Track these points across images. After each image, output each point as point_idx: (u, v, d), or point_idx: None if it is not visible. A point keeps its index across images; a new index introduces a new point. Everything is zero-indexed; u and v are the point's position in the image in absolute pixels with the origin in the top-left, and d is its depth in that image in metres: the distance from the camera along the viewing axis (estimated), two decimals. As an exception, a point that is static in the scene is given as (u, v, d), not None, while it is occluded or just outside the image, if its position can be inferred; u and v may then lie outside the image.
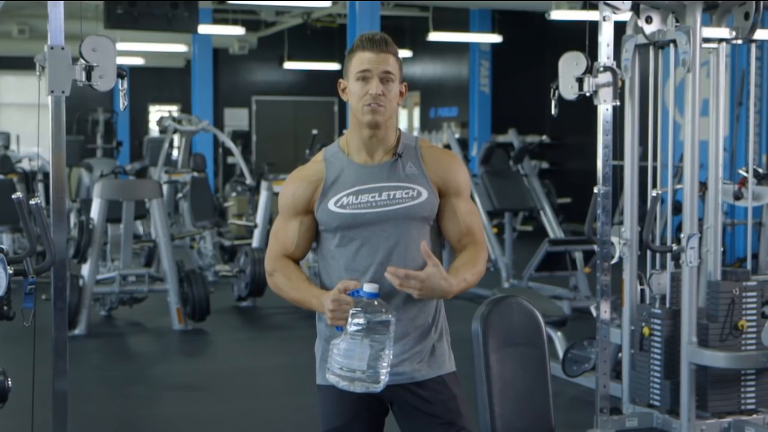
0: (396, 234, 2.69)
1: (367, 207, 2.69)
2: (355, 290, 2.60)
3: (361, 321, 2.54)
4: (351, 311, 2.55)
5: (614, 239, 4.94)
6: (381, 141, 2.72)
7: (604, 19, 4.76)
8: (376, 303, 2.56)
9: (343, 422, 2.75)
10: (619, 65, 4.89)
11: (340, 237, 2.71)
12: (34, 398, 3.49)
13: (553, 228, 9.74)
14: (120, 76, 3.71)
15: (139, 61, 17.83)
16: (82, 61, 3.64)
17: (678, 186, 5.40)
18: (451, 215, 2.76)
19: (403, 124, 19.46)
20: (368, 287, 2.57)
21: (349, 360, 2.54)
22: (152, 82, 19.76)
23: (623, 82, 4.96)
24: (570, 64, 4.80)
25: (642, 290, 5.06)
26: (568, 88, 4.82)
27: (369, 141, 2.71)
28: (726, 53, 4.96)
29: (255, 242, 9.53)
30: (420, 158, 2.75)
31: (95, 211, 7.79)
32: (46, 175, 11.43)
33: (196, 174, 10.68)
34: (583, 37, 4.80)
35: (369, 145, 2.72)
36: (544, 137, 14.18)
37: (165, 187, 10.46)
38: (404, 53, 16.57)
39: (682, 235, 4.76)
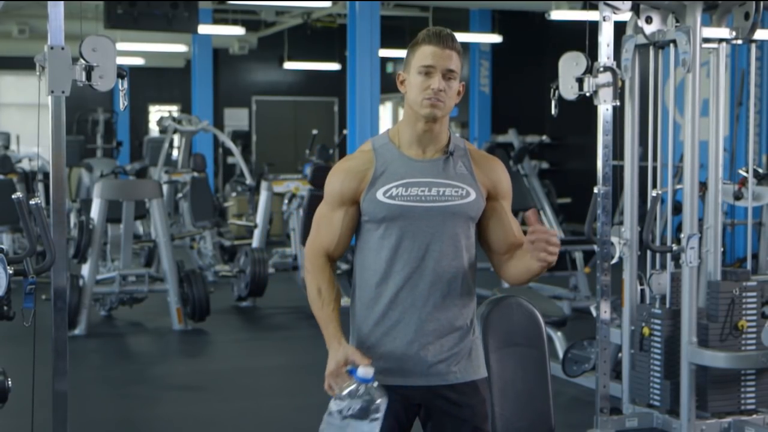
0: (439, 230, 2.66)
1: (416, 200, 2.67)
2: (353, 368, 2.55)
3: (344, 404, 2.51)
4: (341, 390, 2.53)
5: (614, 239, 4.94)
6: (434, 137, 2.70)
7: (604, 19, 4.76)
8: (367, 386, 2.52)
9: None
10: (619, 65, 4.88)
11: (385, 228, 2.68)
12: (34, 398, 3.49)
13: (553, 228, 9.75)
14: (120, 76, 3.71)
15: (139, 61, 17.82)
16: (82, 61, 3.64)
17: (678, 186, 5.40)
18: (498, 219, 2.74)
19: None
20: (362, 372, 2.53)
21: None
22: (152, 82, 19.74)
23: (623, 82, 4.96)
24: (570, 64, 4.80)
25: (642, 290, 5.06)
26: (568, 88, 4.82)
27: (423, 135, 2.69)
28: (726, 53, 4.96)
29: (255, 242, 9.53)
30: (470, 159, 2.74)
31: (95, 211, 7.79)
32: (46, 175, 11.42)
33: (196, 174, 10.68)
34: (583, 37, 4.79)
35: (422, 139, 2.70)
36: (544, 137, 14.17)
37: (165, 187, 10.46)
38: (404, 53, 16.52)
39: (682, 235, 4.76)
